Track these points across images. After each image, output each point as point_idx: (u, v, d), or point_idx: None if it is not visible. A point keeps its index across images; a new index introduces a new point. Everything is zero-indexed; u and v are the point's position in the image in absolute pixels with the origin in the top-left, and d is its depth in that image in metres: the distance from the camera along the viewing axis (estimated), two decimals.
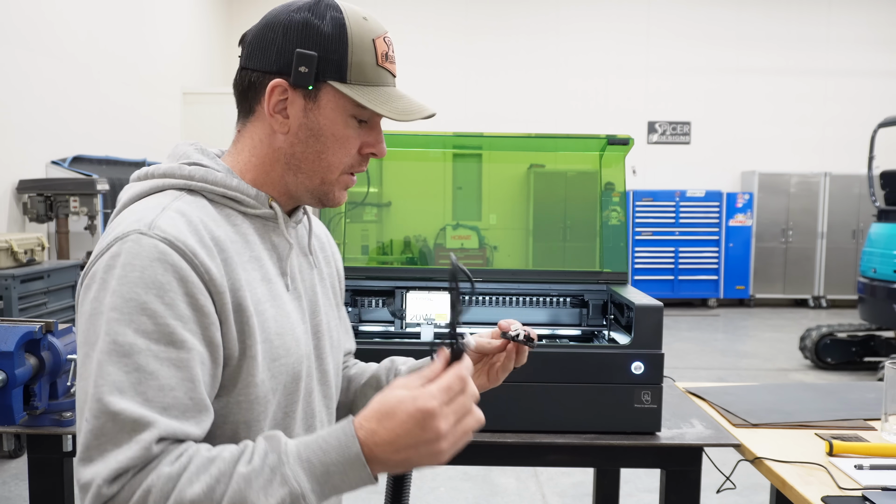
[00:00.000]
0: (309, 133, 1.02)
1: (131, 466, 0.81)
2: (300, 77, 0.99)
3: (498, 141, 2.27)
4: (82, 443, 0.82)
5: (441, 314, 1.95)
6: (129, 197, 1.00)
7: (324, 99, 1.01)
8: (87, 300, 0.89)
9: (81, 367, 0.87)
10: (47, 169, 5.08)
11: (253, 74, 1.03)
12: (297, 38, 0.99)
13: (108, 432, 0.81)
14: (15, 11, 4.79)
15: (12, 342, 1.55)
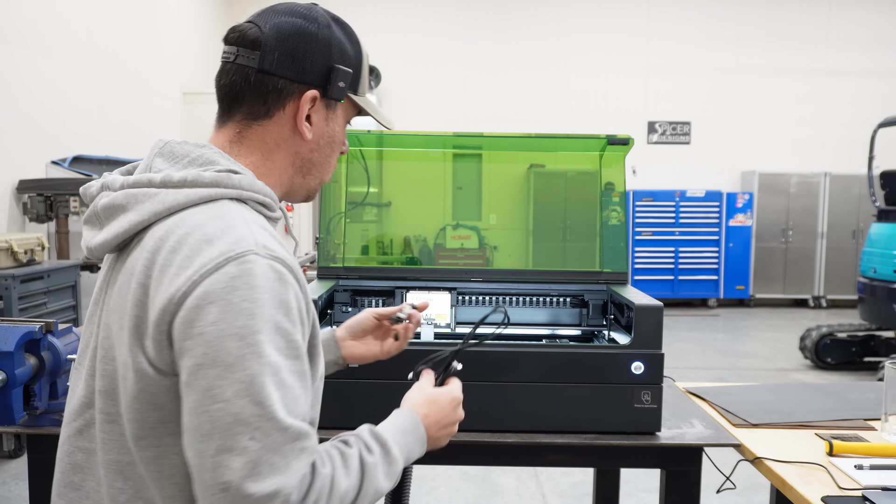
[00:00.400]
0: (327, 140, 1.10)
1: (307, 473, 0.89)
2: (337, 91, 1.07)
3: (498, 141, 2.27)
4: (250, 460, 0.85)
5: (441, 314, 1.95)
6: (173, 205, 0.97)
7: (339, 109, 1.11)
8: (206, 321, 0.87)
9: (213, 387, 0.86)
10: (47, 169, 5.08)
11: (280, 81, 1.04)
12: (336, 54, 1.07)
13: (281, 447, 0.87)
14: (14, 12, 4.79)
15: (12, 342, 1.55)
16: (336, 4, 9.31)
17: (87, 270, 4.75)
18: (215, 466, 0.85)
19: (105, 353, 0.98)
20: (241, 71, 1.05)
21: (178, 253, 0.91)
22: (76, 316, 4.53)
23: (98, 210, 1.02)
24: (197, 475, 0.88)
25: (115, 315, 0.97)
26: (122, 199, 0.99)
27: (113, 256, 1.04)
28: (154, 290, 0.92)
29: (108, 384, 0.97)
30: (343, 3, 9.70)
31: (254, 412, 0.86)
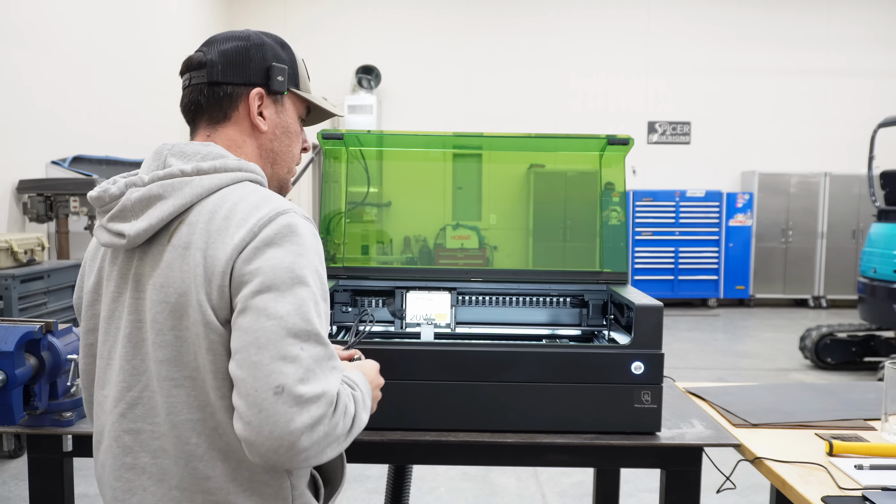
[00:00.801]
0: (283, 130, 1.30)
1: (339, 389, 1.08)
2: (277, 84, 1.26)
3: (498, 141, 2.27)
4: (303, 367, 1.02)
5: (441, 314, 1.95)
6: (209, 186, 1.14)
7: (287, 103, 1.30)
8: (263, 258, 1.07)
9: (268, 307, 1.04)
10: (47, 169, 5.08)
11: (229, 87, 1.23)
12: (270, 56, 1.26)
13: (322, 360, 1.05)
14: (14, 12, 4.79)
15: (12, 342, 1.55)
16: (336, 5, 9.36)
17: None
18: (270, 373, 1.00)
19: (159, 326, 1.12)
20: (196, 89, 1.24)
21: (232, 219, 1.10)
22: (76, 316, 4.53)
23: (130, 203, 1.14)
24: (249, 384, 1.01)
25: (170, 288, 1.11)
26: (157, 189, 1.13)
27: (127, 253, 1.18)
28: (214, 249, 1.09)
29: (169, 353, 1.11)
30: (343, 4, 9.71)
31: (303, 328, 1.04)
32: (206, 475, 1.12)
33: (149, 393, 1.14)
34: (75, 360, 1.71)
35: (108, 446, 1.17)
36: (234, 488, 1.12)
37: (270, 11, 9.65)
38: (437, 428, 1.67)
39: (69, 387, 1.72)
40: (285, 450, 1.00)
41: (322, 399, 1.02)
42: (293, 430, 0.99)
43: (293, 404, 1.00)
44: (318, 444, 1.03)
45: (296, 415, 1.00)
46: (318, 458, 1.05)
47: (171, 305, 1.11)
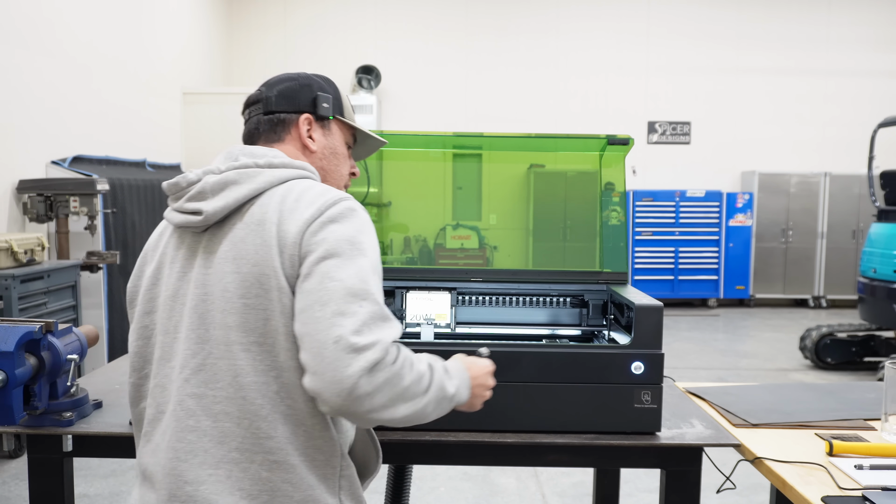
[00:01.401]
0: (330, 151, 1.48)
1: (397, 344, 1.19)
2: (324, 110, 1.45)
3: (498, 141, 2.27)
4: (360, 321, 1.14)
5: (441, 314, 1.95)
6: (280, 177, 1.31)
7: (333, 128, 1.49)
8: (328, 231, 1.22)
9: (330, 271, 1.18)
10: (47, 169, 5.08)
11: (282, 115, 1.43)
12: (316, 88, 1.47)
13: (376, 317, 1.16)
14: (15, 12, 4.79)
15: (12, 342, 1.55)
16: (336, 5, 9.34)
17: (87, 270, 4.75)
18: (330, 326, 1.13)
19: (229, 295, 1.23)
20: (254, 120, 1.45)
21: (302, 201, 1.26)
22: (76, 316, 4.53)
23: (209, 186, 1.29)
24: (313, 337, 1.14)
25: (242, 260, 1.24)
26: (233, 176, 1.29)
27: (195, 236, 1.32)
28: (286, 224, 1.23)
29: (238, 319, 1.22)
30: (343, 4, 9.71)
31: (362, 288, 1.16)
32: (269, 434, 1.21)
33: (212, 360, 1.24)
34: (75, 360, 1.71)
35: (172, 411, 1.25)
36: (291, 450, 1.22)
37: (270, 11, 9.65)
38: (437, 428, 1.67)
39: (69, 387, 1.72)
40: (347, 393, 1.11)
41: (376, 346, 1.13)
42: (351, 374, 1.10)
43: (349, 351, 1.11)
44: (381, 390, 1.13)
45: (352, 360, 1.11)
46: (388, 409, 1.16)
47: (243, 276, 1.23)
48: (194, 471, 1.21)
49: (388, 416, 1.16)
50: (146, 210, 5.76)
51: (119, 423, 1.71)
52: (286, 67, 9.60)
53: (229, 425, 1.21)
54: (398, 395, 1.16)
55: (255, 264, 1.22)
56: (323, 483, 1.25)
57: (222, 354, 1.22)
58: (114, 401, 1.86)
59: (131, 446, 1.70)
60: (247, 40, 9.63)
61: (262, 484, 1.21)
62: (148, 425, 1.31)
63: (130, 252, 5.46)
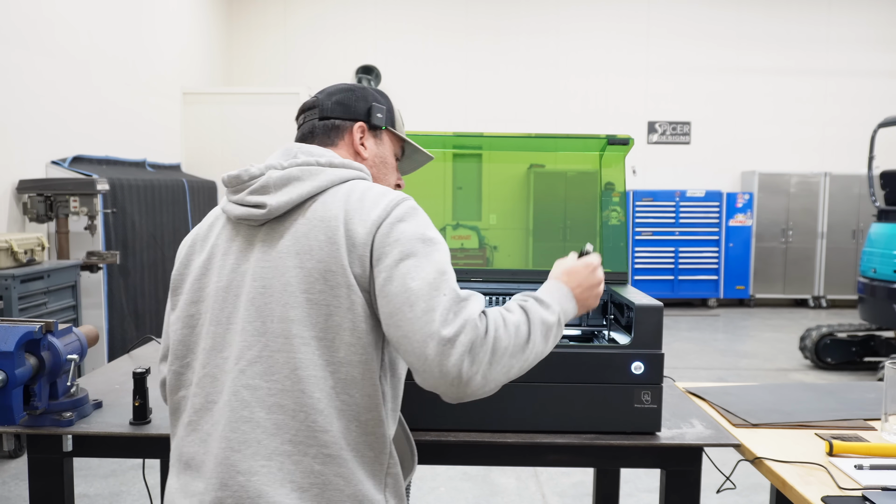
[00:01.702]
0: (380, 160, 1.52)
1: (481, 310, 1.22)
2: (377, 120, 1.50)
3: (498, 141, 2.27)
4: (444, 311, 1.17)
5: None
6: (342, 176, 1.34)
7: (384, 138, 1.53)
8: (399, 230, 1.25)
9: (411, 271, 1.21)
10: (47, 169, 5.08)
11: (337, 121, 1.47)
12: (371, 99, 1.51)
13: (459, 301, 1.20)
14: (14, 12, 4.79)
15: (12, 342, 1.55)
16: (336, 5, 9.33)
17: (87, 270, 4.75)
18: (423, 325, 1.16)
19: (292, 289, 1.25)
20: (309, 124, 1.48)
21: (365, 201, 1.28)
22: (76, 316, 4.53)
23: (272, 181, 1.31)
24: (410, 339, 1.17)
25: (306, 255, 1.25)
26: (296, 172, 1.32)
27: (250, 230, 1.33)
28: (354, 223, 1.26)
29: (300, 313, 1.24)
30: (343, 4, 9.71)
31: (440, 279, 1.20)
32: (325, 428, 1.23)
33: (268, 352, 1.25)
34: (75, 360, 1.71)
35: (226, 401, 1.26)
36: (344, 444, 1.24)
37: (270, 11, 9.65)
38: (437, 428, 1.67)
39: (69, 387, 1.72)
40: (459, 382, 1.16)
41: (465, 328, 1.16)
42: (453, 365, 1.14)
43: (444, 344, 1.15)
44: (490, 364, 1.19)
45: (448, 352, 1.14)
46: (505, 373, 1.23)
47: (307, 271, 1.25)
48: (247, 461, 1.22)
49: (508, 377, 1.23)
50: (146, 210, 5.76)
51: (119, 423, 1.71)
52: (286, 67, 9.62)
53: (283, 417, 1.23)
54: (507, 358, 1.21)
55: (319, 260, 1.24)
56: (371, 479, 1.27)
57: (280, 347, 1.24)
58: (114, 401, 1.86)
59: (131, 446, 1.70)
60: (247, 40, 9.63)
61: (315, 477, 1.22)
62: (194, 414, 1.31)
63: (130, 252, 5.47)
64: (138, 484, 3.61)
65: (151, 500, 2.22)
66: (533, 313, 1.28)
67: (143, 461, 1.99)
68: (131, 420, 1.71)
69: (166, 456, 1.73)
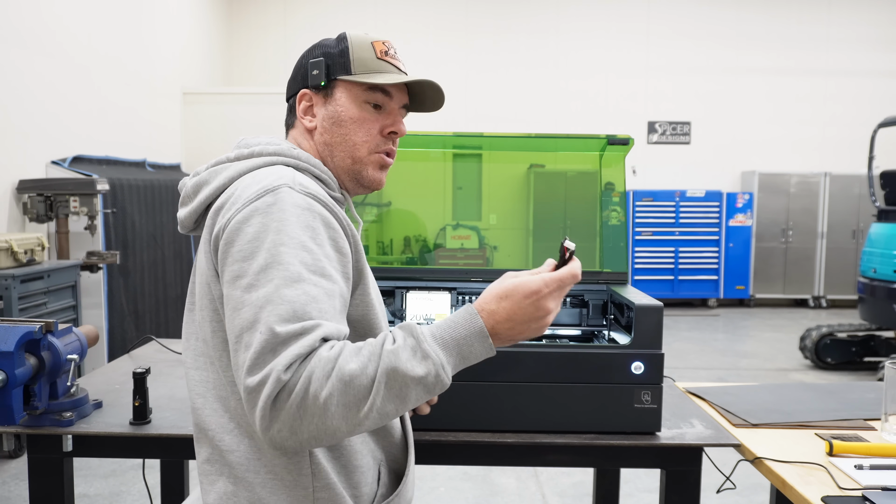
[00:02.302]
0: (332, 122, 1.28)
1: (300, 356, 0.97)
2: (314, 78, 1.27)
3: (498, 141, 2.27)
4: (255, 352, 0.98)
5: (441, 314, 1.95)
6: (242, 169, 1.18)
7: (337, 93, 1.28)
8: (246, 232, 1.05)
9: (243, 292, 1.02)
10: (47, 169, 5.08)
11: (290, 100, 1.33)
12: (308, 56, 1.30)
13: (280, 342, 0.98)
14: (14, 12, 4.79)
15: (12, 342, 1.55)
16: (336, 5, 9.33)
17: (87, 270, 4.75)
18: (237, 366, 1.02)
19: (198, 304, 1.19)
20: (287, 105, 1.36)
21: (232, 196, 1.12)
22: (76, 316, 4.53)
23: (188, 190, 1.22)
24: (234, 375, 1.04)
25: (198, 271, 1.17)
26: (205, 175, 1.21)
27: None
28: (215, 227, 1.12)
29: (201, 331, 1.18)
30: (343, 4, 9.70)
31: (261, 312, 0.99)
32: (231, 448, 1.17)
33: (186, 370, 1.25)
34: (75, 360, 1.71)
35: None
36: (251, 466, 1.16)
37: (270, 11, 9.65)
38: (437, 428, 1.67)
39: (69, 387, 1.72)
40: (265, 434, 0.98)
41: (269, 378, 0.96)
42: (258, 417, 0.97)
43: (249, 393, 0.98)
44: (296, 419, 0.96)
45: (253, 401, 0.98)
46: (323, 431, 0.98)
47: (200, 284, 1.18)
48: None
49: (333, 437, 0.99)
50: (146, 210, 5.76)
51: (119, 423, 1.71)
52: (286, 67, 9.60)
53: (199, 436, 1.26)
54: (324, 418, 0.97)
55: (201, 274, 1.17)
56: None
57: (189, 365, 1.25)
58: (114, 401, 1.86)
59: (131, 446, 1.70)
60: (247, 40, 9.63)
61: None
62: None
63: (130, 252, 5.46)
64: (138, 484, 3.61)
65: (151, 500, 2.22)
66: (386, 362, 0.99)
67: (143, 461, 1.99)
68: (131, 420, 1.71)
69: (166, 456, 1.73)
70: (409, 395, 1.00)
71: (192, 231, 1.25)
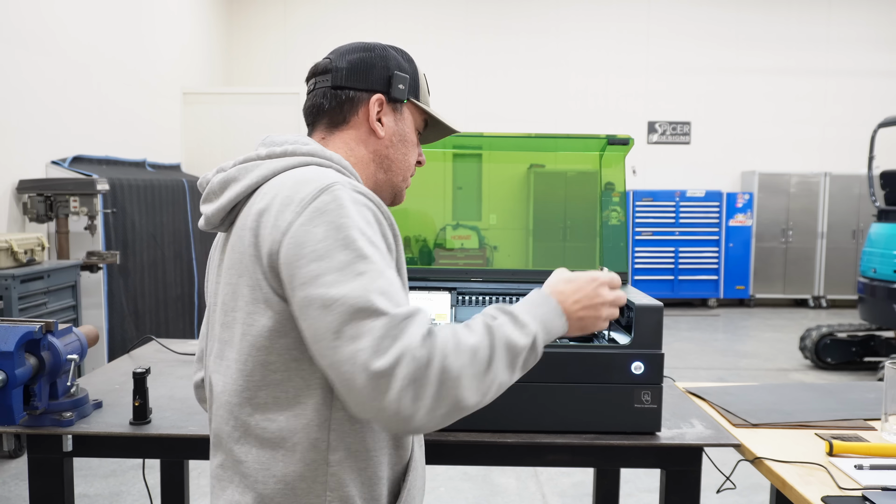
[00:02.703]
0: (399, 138, 1.30)
1: (426, 333, 0.99)
2: (398, 92, 1.27)
3: (498, 141, 2.27)
4: (376, 336, 0.96)
5: (441, 314, 1.95)
6: (275, 168, 1.15)
7: (406, 112, 1.31)
8: (315, 233, 1.03)
9: (336, 283, 1.00)
10: (47, 169, 5.08)
11: (351, 92, 1.25)
12: (393, 66, 1.28)
13: (400, 323, 0.98)
14: (14, 12, 4.79)
15: (12, 342, 1.55)
16: (336, 5, 9.34)
17: (87, 270, 4.75)
18: (350, 354, 0.96)
19: (226, 307, 1.16)
20: (319, 93, 1.27)
21: (278, 197, 1.08)
22: (76, 316, 4.53)
23: (214, 186, 1.19)
24: (335, 369, 0.98)
25: (233, 270, 1.14)
26: (234, 172, 1.17)
27: (224, 234, 1.23)
28: (263, 230, 1.08)
29: (227, 334, 1.16)
30: (343, 4, 9.70)
31: (368, 297, 0.98)
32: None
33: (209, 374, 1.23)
34: (75, 360, 1.71)
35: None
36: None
37: (270, 11, 9.65)
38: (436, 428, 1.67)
39: (69, 387, 1.72)
40: (397, 418, 0.98)
41: (404, 357, 0.96)
42: (391, 402, 0.96)
43: (378, 379, 0.96)
44: (435, 397, 0.97)
45: (384, 387, 0.96)
46: (454, 405, 1.00)
47: (233, 286, 1.14)
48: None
49: (459, 411, 1.01)
50: (146, 210, 5.76)
51: (119, 423, 1.71)
52: (286, 67, 9.62)
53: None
54: (459, 390, 0.99)
55: (240, 275, 1.12)
56: None
57: (213, 369, 1.25)
58: (114, 401, 1.86)
59: (131, 446, 1.70)
60: (247, 40, 9.63)
61: None
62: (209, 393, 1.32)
63: (130, 252, 5.47)
64: (138, 484, 3.61)
65: (151, 500, 2.22)
66: (499, 334, 1.05)
67: (143, 461, 1.99)
68: (131, 420, 1.71)
69: (166, 456, 1.73)
70: (519, 364, 1.09)
71: (216, 228, 1.21)
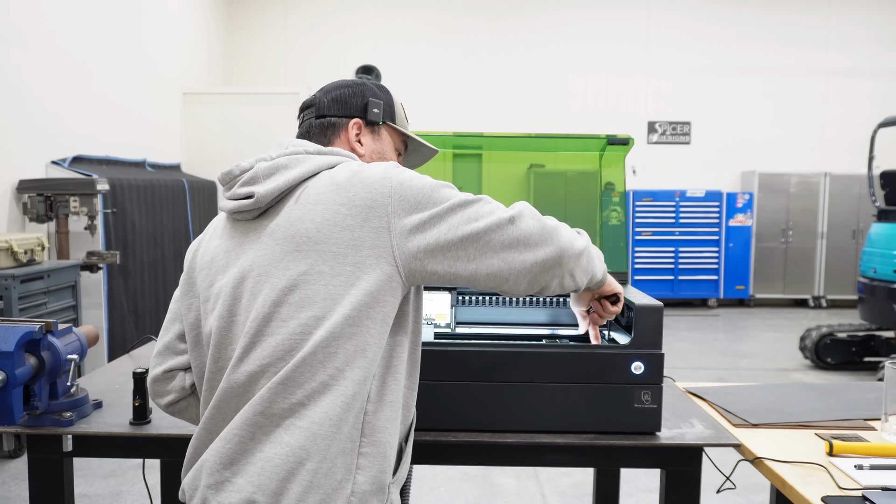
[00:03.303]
0: (379, 156, 1.50)
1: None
2: (374, 115, 1.49)
3: (498, 141, 2.27)
4: (501, 215, 1.27)
5: (441, 314, 1.95)
6: (323, 164, 1.33)
7: (383, 133, 1.52)
8: (421, 184, 1.27)
9: (462, 207, 1.27)
10: (47, 169, 5.08)
11: (332, 119, 1.47)
12: (368, 94, 1.50)
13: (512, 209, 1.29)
14: (14, 12, 4.79)
15: (12, 342, 1.55)
16: (336, 5, 9.32)
17: (87, 270, 4.75)
18: (496, 223, 1.26)
19: (284, 265, 1.25)
20: (307, 123, 1.48)
21: (362, 173, 1.28)
22: (76, 316, 4.53)
23: (261, 171, 1.31)
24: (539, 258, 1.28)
25: (300, 239, 1.24)
26: (284, 161, 1.32)
27: (244, 225, 1.33)
28: (357, 190, 1.25)
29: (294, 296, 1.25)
30: (343, 4, 9.70)
31: (483, 201, 1.30)
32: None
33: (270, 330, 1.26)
34: (75, 360, 1.71)
35: (242, 390, 1.25)
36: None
37: (270, 11, 9.65)
38: (437, 428, 1.67)
39: (69, 387, 1.72)
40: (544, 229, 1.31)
41: (516, 206, 1.31)
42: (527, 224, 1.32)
43: (512, 222, 1.29)
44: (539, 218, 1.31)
45: (519, 221, 1.31)
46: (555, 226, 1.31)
47: (305, 254, 1.24)
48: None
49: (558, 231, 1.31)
50: (146, 210, 5.76)
51: (119, 423, 1.71)
52: (286, 67, 9.62)
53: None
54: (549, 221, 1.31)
55: (318, 242, 1.24)
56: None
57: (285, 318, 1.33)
58: (114, 401, 1.86)
59: (131, 446, 1.70)
60: (247, 40, 9.63)
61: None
62: (206, 394, 1.38)
63: (130, 252, 5.47)
64: (138, 484, 3.61)
65: (151, 500, 2.22)
66: (583, 234, 1.39)
67: (143, 461, 1.99)
68: (131, 420, 1.71)
69: (166, 456, 1.73)
70: (590, 254, 1.37)
71: (261, 207, 1.31)
